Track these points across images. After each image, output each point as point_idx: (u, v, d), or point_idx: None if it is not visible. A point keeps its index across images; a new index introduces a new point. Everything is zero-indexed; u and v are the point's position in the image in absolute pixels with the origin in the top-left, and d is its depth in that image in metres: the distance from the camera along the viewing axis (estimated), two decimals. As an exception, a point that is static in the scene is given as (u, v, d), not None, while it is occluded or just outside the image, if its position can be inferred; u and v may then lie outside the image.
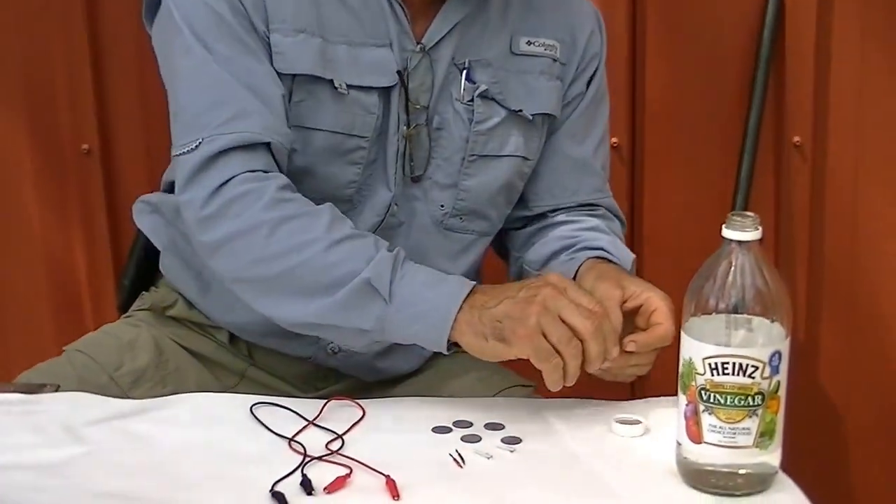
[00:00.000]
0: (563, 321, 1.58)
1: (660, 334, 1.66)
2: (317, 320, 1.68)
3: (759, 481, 1.50)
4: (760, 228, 1.47)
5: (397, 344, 1.75)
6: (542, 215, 1.97)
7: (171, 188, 1.92)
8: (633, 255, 1.88)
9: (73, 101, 2.67)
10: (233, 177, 1.69)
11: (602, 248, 1.84)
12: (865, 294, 2.50)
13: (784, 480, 1.52)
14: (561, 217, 1.95)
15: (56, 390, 1.77)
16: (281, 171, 1.74)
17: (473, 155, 1.86)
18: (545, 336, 1.58)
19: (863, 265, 2.49)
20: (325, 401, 1.73)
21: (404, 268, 1.66)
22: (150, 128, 2.62)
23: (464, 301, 1.63)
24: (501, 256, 2.03)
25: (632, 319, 1.69)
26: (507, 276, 1.99)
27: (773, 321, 1.47)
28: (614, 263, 1.81)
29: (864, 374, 2.54)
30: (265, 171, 1.71)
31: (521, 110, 1.88)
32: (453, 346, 1.65)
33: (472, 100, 1.85)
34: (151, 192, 2.01)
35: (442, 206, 1.87)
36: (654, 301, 1.68)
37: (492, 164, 1.88)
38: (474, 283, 1.65)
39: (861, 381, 2.54)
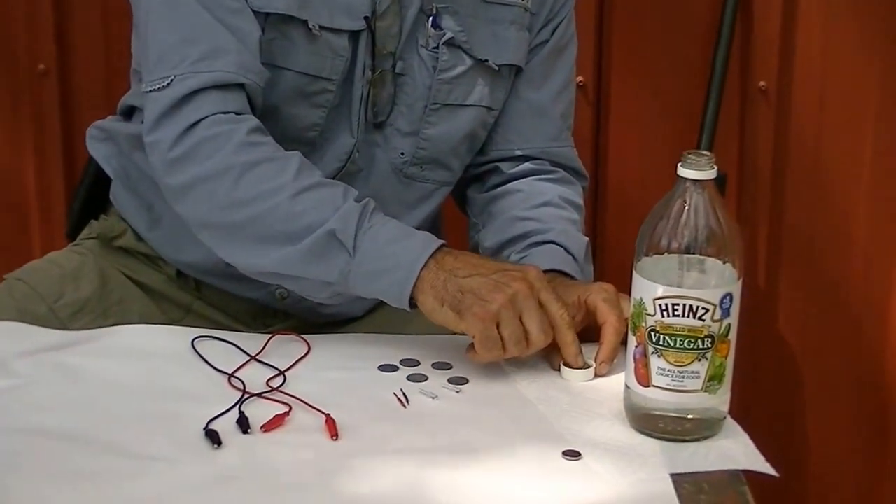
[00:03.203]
0: (522, 322, 1.57)
1: (612, 341, 1.64)
2: (280, 270, 1.66)
3: (707, 426, 1.48)
4: (716, 168, 1.44)
5: None
6: (498, 170, 1.95)
7: (127, 113, 1.90)
8: (585, 240, 1.87)
9: (30, 18, 2.62)
10: (203, 118, 1.66)
11: (552, 242, 1.82)
12: (826, 241, 2.49)
13: (733, 426, 1.51)
14: (516, 184, 1.93)
15: (-8, 321, 1.73)
16: (254, 112, 1.71)
17: (437, 103, 1.84)
18: (498, 326, 1.57)
19: (825, 212, 2.49)
20: (270, 336, 1.71)
21: (372, 220, 1.63)
22: (111, 49, 2.58)
23: (431, 258, 1.61)
24: (461, 208, 2.01)
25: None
26: (468, 234, 1.97)
27: (725, 262, 1.45)
28: (556, 272, 1.77)
29: (823, 323, 2.53)
30: (237, 113, 1.68)
31: (487, 60, 1.86)
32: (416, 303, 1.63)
33: (437, 47, 1.82)
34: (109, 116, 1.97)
35: (402, 153, 1.85)
36: (594, 300, 1.66)
37: (455, 114, 1.86)
38: (442, 241, 1.63)
39: (819, 329, 2.54)
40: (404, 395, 1.58)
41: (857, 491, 2.57)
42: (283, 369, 1.63)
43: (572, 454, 1.45)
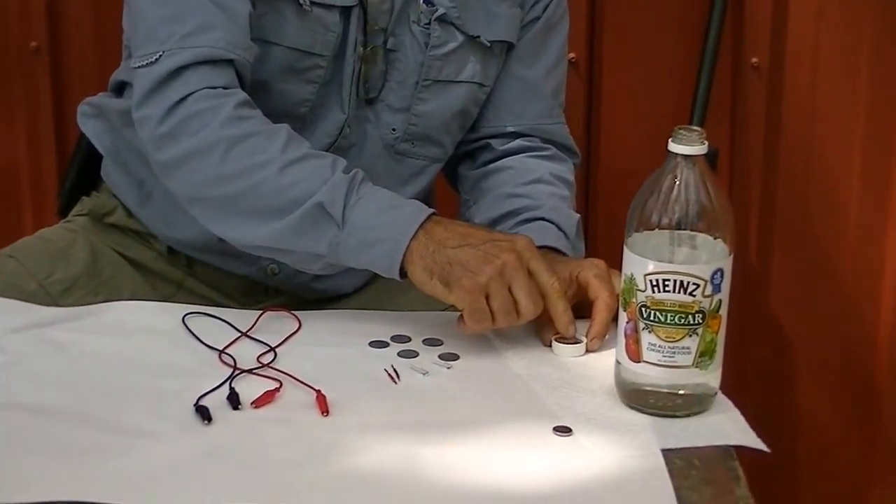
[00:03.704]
0: (511, 293, 1.56)
1: (604, 316, 1.63)
2: (270, 243, 1.66)
3: (697, 402, 1.48)
4: (707, 143, 1.44)
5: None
6: (489, 147, 1.94)
7: (118, 89, 1.90)
8: (576, 217, 1.87)
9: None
10: (191, 93, 1.66)
11: (543, 219, 1.82)
12: (819, 218, 2.49)
13: (724, 402, 1.51)
14: (508, 161, 1.92)
15: (-18, 297, 1.73)
16: (243, 88, 1.70)
17: (428, 80, 1.83)
18: (487, 298, 1.56)
19: (817, 189, 2.48)
20: (261, 312, 1.70)
21: (360, 191, 1.63)
22: (103, 26, 2.56)
23: (420, 228, 1.60)
24: (452, 186, 2.01)
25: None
26: (459, 211, 1.96)
27: (716, 238, 1.44)
28: (547, 248, 1.76)
29: (815, 300, 2.53)
30: (225, 88, 1.68)
31: (478, 36, 1.85)
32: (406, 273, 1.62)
33: (429, 23, 1.81)
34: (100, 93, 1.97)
35: (393, 129, 1.85)
36: (585, 276, 1.66)
37: (447, 90, 1.85)
38: (431, 210, 1.63)
39: (811, 305, 2.54)
40: (395, 371, 1.57)
41: (847, 466, 2.57)
42: (273, 345, 1.62)
43: (563, 430, 1.45)
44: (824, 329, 2.53)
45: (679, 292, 1.43)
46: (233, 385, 1.51)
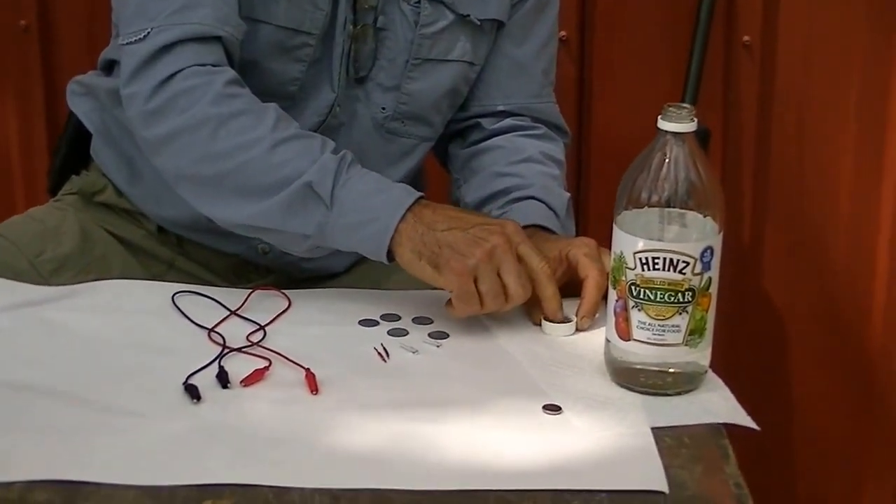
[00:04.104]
0: (500, 277, 1.56)
1: (594, 295, 1.63)
2: (257, 223, 1.65)
3: (688, 380, 1.48)
4: (696, 120, 1.43)
5: None
6: (479, 126, 1.94)
7: (107, 68, 1.89)
8: (567, 196, 1.87)
9: (10, -28, 2.59)
10: (180, 70, 1.65)
11: (533, 198, 1.81)
12: (812, 197, 2.49)
13: (714, 380, 1.51)
14: (498, 140, 1.92)
15: (-29, 275, 1.73)
16: (231, 65, 1.70)
17: (418, 58, 1.83)
18: (476, 281, 1.56)
19: (810, 168, 2.48)
20: (250, 291, 1.70)
21: (349, 172, 1.62)
22: (92, 4, 2.54)
23: (408, 211, 1.60)
24: (443, 165, 2.01)
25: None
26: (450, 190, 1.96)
27: (705, 216, 1.44)
28: (536, 227, 1.76)
29: (808, 279, 2.53)
30: (214, 65, 1.67)
31: (468, 15, 1.84)
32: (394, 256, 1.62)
33: (419, 2, 1.81)
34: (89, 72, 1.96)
35: (383, 108, 1.84)
36: (575, 255, 1.66)
37: (437, 69, 1.85)
38: (420, 194, 1.62)
39: (804, 285, 2.53)
40: (385, 349, 1.57)
41: (839, 445, 2.57)
42: (263, 324, 1.62)
43: (553, 408, 1.44)
44: (817, 308, 2.53)
45: (669, 270, 1.42)
46: (222, 364, 1.51)
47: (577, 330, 1.63)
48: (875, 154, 2.43)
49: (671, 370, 1.46)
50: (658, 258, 1.42)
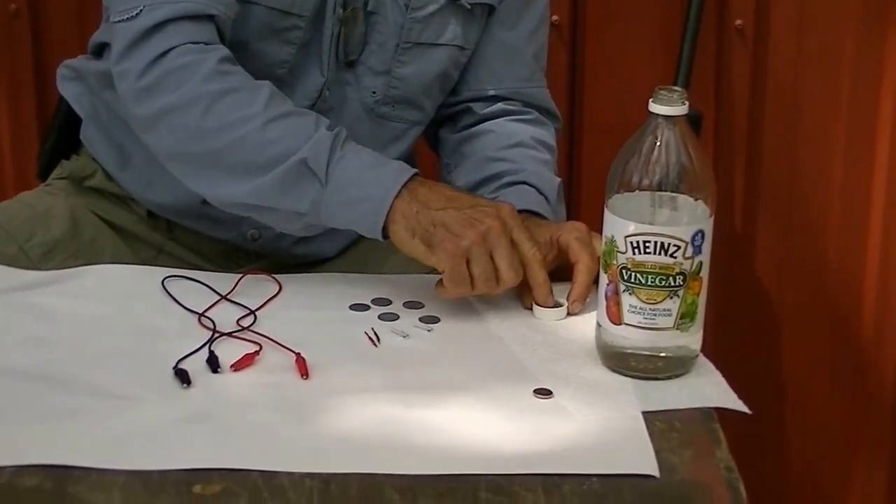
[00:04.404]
0: (493, 260, 1.56)
1: (585, 279, 1.63)
2: (251, 200, 1.64)
3: (679, 364, 1.48)
4: (687, 104, 1.43)
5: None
6: (470, 111, 1.94)
7: (97, 51, 1.88)
8: (557, 181, 1.86)
9: (0, -43, 2.58)
10: (172, 47, 1.64)
11: (524, 183, 1.81)
12: (804, 181, 2.49)
13: (705, 364, 1.51)
14: (489, 125, 1.92)
15: (-39, 262, 1.72)
16: (223, 44, 1.69)
17: (409, 42, 1.82)
18: (468, 263, 1.56)
19: (802, 152, 2.47)
20: (240, 275, 1.69)
21: (344, 148, 1.62)
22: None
23: (404, 188, 1.59)
24: (433, 149, 2.00)
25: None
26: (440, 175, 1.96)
27: (697, 199, 1.44)
28: (528, 212, 1.76)
29: (800, 264, 2.53)
30: (207, 44, 1.67)
31: (459, -1, 1.84)
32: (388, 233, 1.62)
33: (409, -15, 1.80)
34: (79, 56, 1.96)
35: (374, 92, 1.84)
36: (566, 239, 1.65)
37: (428, 53, 1.84)
38: (415, 170, 1.62)
39: (796, 270, 2.53)
40: (375, 334, 1.57)
41: (831, 430, 2.57)
42: (253, 308, 1.61)
43: (544, 392, 1.44)
44: (809, 292, 2.53)
45: (660, 254, 1.42)
46: (212, 348, 1.51)
47: (568, 314, 1.62)
48: (867, 137, 2.42)
49: (662, 354, 1.46)
50: (649, 242, 1.42)
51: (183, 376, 1.44)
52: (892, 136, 2.39)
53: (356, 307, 1.64)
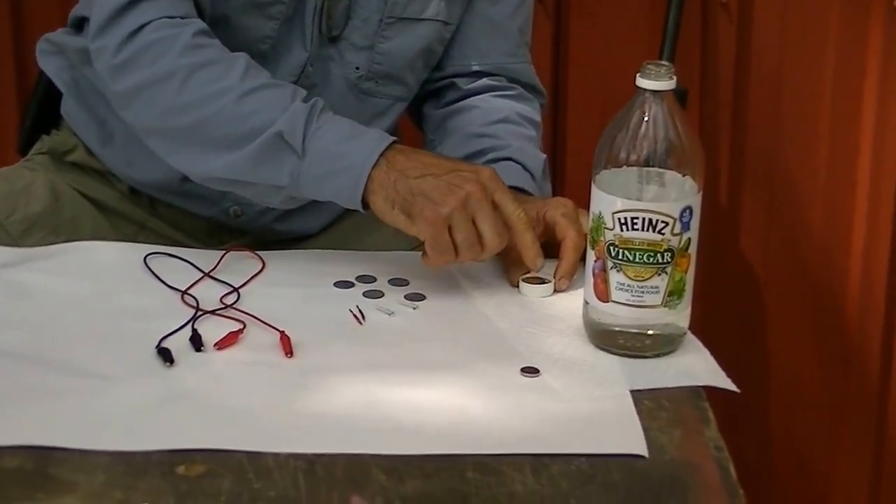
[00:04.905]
0: (475, 225, 1.54)
1: (572, 256, 1.62)
2: (229, 175, 1.63)
3: (667, 342, 1.47)
4: (675, 78, 1.42)
5: (304, 205, 1.71)
6: (454, 86, 1.92)
7: (77, 25, 1.86)
8: (543, 157, 1.85)
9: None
10: (148, 22, 1.64)
11: (509, 159, 1.79)
12: (789, 156, 2.48)
13: (693, 342, 1.50)
14: (473, 101, 1.90)
15: (-60, 237, 1.71)
16: (203, 20, 1.68)
17: (392, 17, 1.81)
18: (451, 230, 1.54)
19: (787, 127, 2.47)
20: (224, 252, 1.68)
21: (320, 119, 1.60)
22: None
23: (381, 157, 1.58)
24: (417, 125, 1.99)
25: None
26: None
27: (685, 175, 1.43)
28: (513, 188, 1.72)
29: (785, 239, 2.52)
30: (183, 18, 1.66)
31: (443, -27, 1.82)
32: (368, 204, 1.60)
33: (392, -40, 1.79)
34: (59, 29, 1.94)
35: (357, 68, 1.82)
36: (553, 215, 1.64)
37: (411, 28, 1.83)
38: (393, 138, 1.60)
39: (781, 246, 2.53)
40: (360, 311, 1.56)
41: (817, 407, 2.57)
42: (237, 286, 1.60)
43: (531, 371, 1.43)
44: (795, 267, 2.53)
45: (648, 230, 1.41)
46: (195, 326, 1.49)
47: (555, 291, 1.61)
48: (853, 112, 2.41)
49: (650, 332, 1.45)
50: (637, 218, 1.41)
51: (166, 355, 1.43)
52: (877, 111, 2.38)
53: (340, 284, 1.63)
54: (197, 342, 1.46)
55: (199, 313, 1.53)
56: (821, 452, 2.60)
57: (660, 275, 1.42)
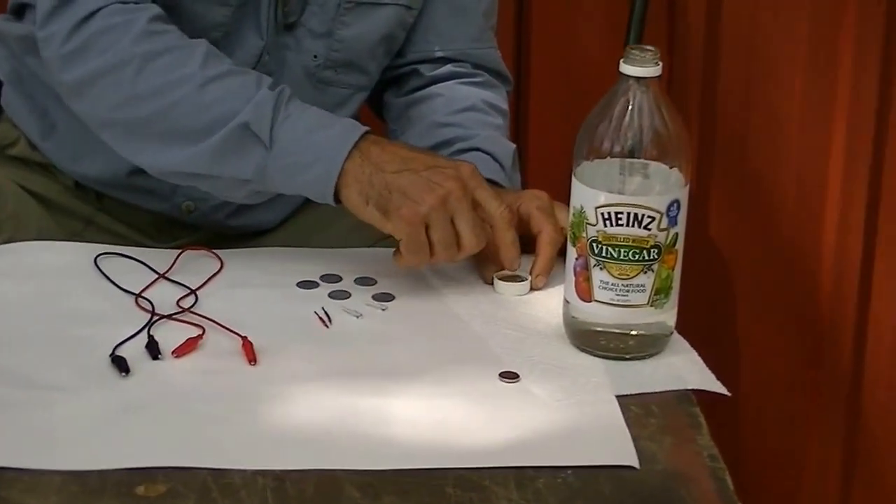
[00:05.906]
0: (454, 225, 1.51)
1: (548, 252, 1.58)
2: (190, 169, 1.59)
3: (652, 343, 1.43)
4: (661, 64, 1.38)
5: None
6: (417, 73, 1.88)
7: (18, 12, 1.81)
8: (512, 147, 1.81)
9: None
10: (100, 8, 1.59)
11: (477, 149, 1.75)
12: (760, 141, 2.45)
13: (680, 342, 1.47)
14: (437, 88, 1.86)
15: None
16: (154, 2, 1.64)
17: (351, 2, 1.76)
18: (427, 229, 1.50)
19: (758, 111, 2.44)
20: (179, 251, 1.64)
21: (288, 108, 1.56)
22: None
23: (355, 148, 1.54)
24: (378, 114, 1.95)
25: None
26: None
27: (671, 167, 1.39)
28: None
29: (756, 225, 2.50)
30: (136, 3, 1.61)
31: (404, -45, 1.79)
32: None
33: (349, -58, 1.75)
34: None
35: (315, 56, 1.78)
36: (527, 208, 1.60)
37: (371, 13, 1.78)
38: (366, 128, 1.57)
39: (753, 231, 2.50)
40: (326, 313, 1.51)
41: (790, 400, 2.54)
42: (194, 288, 1.56)
43: (510, 376, 1.39)
44: (766, 254, 2.50)
45: (633, 226, 1.37)
46: (151, 332, 1.45)
47: (532, 289, 1.57)
48: (825, 96, 2.39)
49: (634, 332, 1.42)
50: (622, 213, 1.37)
51: (121, 364, 1.39)
52: (851, 95, 2.35)
53: (304, 284, 1.59)
54: (154, 349, 1.42)
55: (155, 318, 1.49)
56: (791, 443, 2.57)
57: (646, 272, 1.38)
